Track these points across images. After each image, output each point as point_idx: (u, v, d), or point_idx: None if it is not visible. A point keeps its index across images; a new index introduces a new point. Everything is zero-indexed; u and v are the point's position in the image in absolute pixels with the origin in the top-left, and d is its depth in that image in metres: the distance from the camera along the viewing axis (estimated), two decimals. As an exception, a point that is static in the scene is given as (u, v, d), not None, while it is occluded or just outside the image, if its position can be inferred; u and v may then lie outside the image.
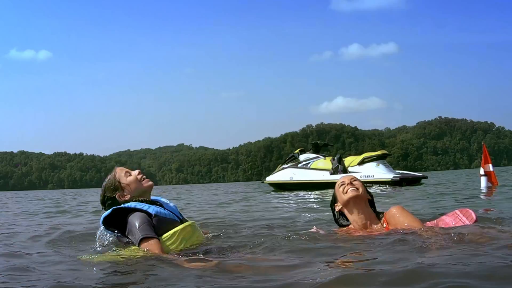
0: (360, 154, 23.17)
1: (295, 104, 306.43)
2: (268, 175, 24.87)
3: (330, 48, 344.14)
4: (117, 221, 4.28)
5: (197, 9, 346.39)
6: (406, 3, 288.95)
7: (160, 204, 4.47)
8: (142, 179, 4.56)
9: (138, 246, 4.01)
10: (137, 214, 4.19)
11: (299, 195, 16.53)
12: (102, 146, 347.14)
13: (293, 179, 22.92)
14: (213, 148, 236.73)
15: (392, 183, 20.52)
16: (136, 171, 4.61)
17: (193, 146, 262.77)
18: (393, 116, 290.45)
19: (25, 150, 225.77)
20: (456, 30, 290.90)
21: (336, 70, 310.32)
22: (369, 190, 4.96)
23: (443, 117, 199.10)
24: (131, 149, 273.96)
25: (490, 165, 14.18)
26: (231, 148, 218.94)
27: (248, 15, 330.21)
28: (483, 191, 12.84)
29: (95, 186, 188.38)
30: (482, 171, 14.12)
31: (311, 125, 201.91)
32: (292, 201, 12.76)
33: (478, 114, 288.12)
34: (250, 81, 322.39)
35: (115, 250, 4.17)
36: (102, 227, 4.39)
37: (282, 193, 19.44)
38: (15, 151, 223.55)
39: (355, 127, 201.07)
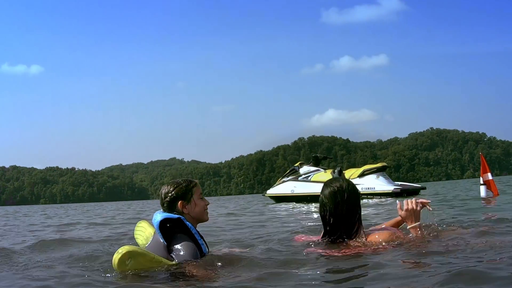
0: (352, 166, 23.56)
1: (286, 117, 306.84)
2: (261, 188, 25.30)
3: (321, 61, 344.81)
4: (169, 229, 4.32)
5: (189, 24, 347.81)
6: (396, 15, 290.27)
7: (203, 239, 4.53)
8: (206, 210, 4.65)
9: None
10: (193, 245, 4.29)
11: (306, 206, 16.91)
12: (94, 160, 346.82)
13: (294, 192, 23.22)
14: (205, 162, 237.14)
15: (393, 194, 20.92)
16: (208, 202, 4.68)
17: (185, 160, 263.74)
18: (385, 128, 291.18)
19: (17, 165, 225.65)
20: (446, 41, 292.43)
21: (327, 82, 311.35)
22: (371, 202, 5.08)
23: (434, 128, 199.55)
24: (123, 164, 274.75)
25: (489, 174, 14.56)
26: (223, 162, 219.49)
27: (239, 28, 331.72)
28: (482, 199, 13.31)
29: (87, 200, 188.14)
30: (481, 181, 14.56)
31: (303, 138, 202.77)
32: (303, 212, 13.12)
33: (470, 125, 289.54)
34: (241, 95, 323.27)
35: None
36: (157, 228, 4.32)
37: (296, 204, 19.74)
38: (6, 166, 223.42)
39: (347, 139, 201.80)
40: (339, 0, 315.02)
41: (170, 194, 4.50)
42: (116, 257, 3.94)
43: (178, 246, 4.25)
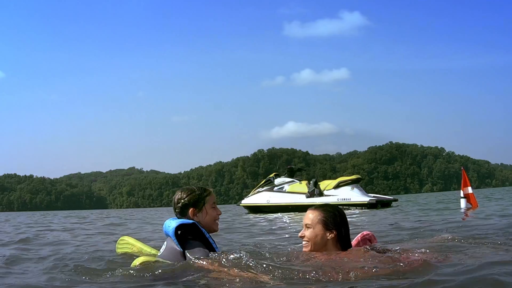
0: (311, 178, 23.88)
1: (246, 129, 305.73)
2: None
3: (282, 73, 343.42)
4: (184, 235, 4.37)
5: (149, 32, 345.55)
6: (358, 30, 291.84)
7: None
8: (217, 221, 4.71)
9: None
10: (207, 252, 4.29)
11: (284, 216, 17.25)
12: (52, 168, 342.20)
13: (270, 202, 23.61)
14: (164, 172, 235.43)
15: (368, 205, 21.51)
16: (220, 212, 4.74)
17: (144, 169, 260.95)
18: (344, 141, 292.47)
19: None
20: (406, 57, 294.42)
21: (288, 95, 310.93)
22: (347, 211, 4.88)
23: (394, 142, 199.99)
24: (82, 172, 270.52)
25: (469, 188, 15.14)
26: (182, 172, 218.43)
27: (200, 39, 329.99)
28: (462, 211, 13.87)
29: (45, 208, 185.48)
30: (462, 194, 15.16)
31: (263, 149, 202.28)
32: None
33: (429, 139, 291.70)
34: (201, 106, 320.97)
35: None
36: (172, 234, 4.36)
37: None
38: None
39: (306, 152, 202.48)
40: (302, 14, 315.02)
41: (182, 201, 4.59)
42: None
43: (192, 252, 4.26)
